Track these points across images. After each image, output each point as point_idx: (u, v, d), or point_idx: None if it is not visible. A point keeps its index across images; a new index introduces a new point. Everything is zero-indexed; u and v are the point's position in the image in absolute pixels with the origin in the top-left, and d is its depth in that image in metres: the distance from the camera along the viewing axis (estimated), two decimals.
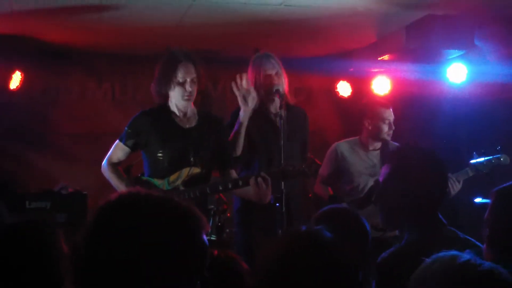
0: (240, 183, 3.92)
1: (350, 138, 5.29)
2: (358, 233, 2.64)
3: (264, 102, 4.53)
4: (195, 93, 4.02)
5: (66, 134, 6.93)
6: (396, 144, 5.08)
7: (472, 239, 2.52)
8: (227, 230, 5.50)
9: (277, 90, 4.36)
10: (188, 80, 3.96)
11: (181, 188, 3.92)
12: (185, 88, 3.95)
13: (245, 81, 4.25)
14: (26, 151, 6.71)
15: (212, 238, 5.77)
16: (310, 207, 5.10)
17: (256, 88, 4.45)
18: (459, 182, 4.78)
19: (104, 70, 7.14)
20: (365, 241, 2.66)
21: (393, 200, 2.62)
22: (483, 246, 2.33)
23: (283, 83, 4.48)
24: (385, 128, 5.05)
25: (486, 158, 4.88)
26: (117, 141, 4.08)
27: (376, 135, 5.08)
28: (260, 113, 4.52)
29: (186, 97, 3.97)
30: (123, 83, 7.18)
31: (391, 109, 5.08)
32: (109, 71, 7.14)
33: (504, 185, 2.37)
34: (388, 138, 5.08)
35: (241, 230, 4.57)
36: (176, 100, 4.02)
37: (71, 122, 6.96)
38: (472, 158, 4.93)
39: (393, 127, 5.07)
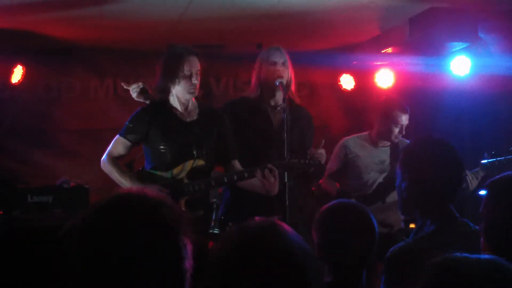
0: (246, 175, 3.90)
1: (360, 134, 5.26)
2: (365, 229, 2.62)
3: (265, 94, 4.47)
4: (198, 87, 4.00)
5: (68, 130, 6.93)
6: (407, 141, 5.04)
7: None
8: (230, 224, 5.47)
9: (281, 83, 4.30)
10: (194, 72, 3.94)
11: (186, 180, 3.90)
12: (191, 81, 3.93)
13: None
14: (28, 147, 6.72)
15: (215, 231, 5.74)
16: (312, 202, 5.06)
17: (260, 79, 4.41)
18: (477, 178, 4.76)
19: (106, 66, 7.13)
20: (372, 237, 2.63)
21: (406, 191, 2.63)
22: (481, 239, 2.30)
23: (289, 77, 4.41)
24: (396, 131, 4.99)
25: (498, 158, 4.84)
26: (117, 136, 4.05)
27: (386, 135, 5.05)
28: (258, 106, 4.47)
29: (192, 90, 3.95)
30: (125, 79, 7.10)
31: (407, 114, 4.99)
32: (111, 67, 7.13)
33: (497, 176, 2.33)
34: (396, 141, 5.03)
35: (237, 223, 4.50)
36: (181, 94, 3.99)
37: (73, 118, 6.96)
38: (483, 158, 4.90)
39: (404, 132, 5.00)
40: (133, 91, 4.10)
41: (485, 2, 5.40)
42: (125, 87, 4.12)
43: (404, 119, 4.98)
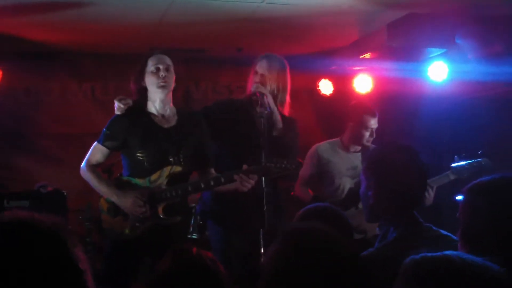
0: (223, 180, 3.86)
1: (331, 140, 5.26)
2: (343, 232, 2.62)
3: (253, 101, 4.43)
4: (171, 83, 3.96)
5: (47, 135, 6.88)
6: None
7: (451, 235, 2.52)
8: (208, 227, 5.46)
9: (257, 88, 4.23)
10: (161, 67, 3.92)
11: (163, 187, 3.89)
12: (158, 75, 3.90)
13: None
14: (7, 151, 6.66)
15: (193, 237, 5.74)
16: (291, 205, 5.05)
17: (248, 87, 4.40)
18: (432, 188, 4.61)
19: (85, 69, 7.09)
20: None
21: (371, 197, 2.63)
22: (458, 244, 2.32)
23: (276, 86, 4.34)
24: (367, 135, 5.03)
25: (467, 161, 4.86)
26: (96, 143, 4.01)
27: (357, 140, 5.07)
28: (245, 111, 4.44)
29: (161, 84, 3.91)
30: (104, 83, 7.13)
31: (376, 117, 5.05)
32: (90, 71, 7.10)
33: (474, 182, 2.33)
34: (368, 145, 5.05)
35: (215, 228, 4.49)
36: (152, 92, 3.97)
37: (52, 123, 6.92)
38: (453, 162, 4.92)
39: (374, 135, 5.04)
40: (119, 106, 4.02)
41: (463, 8, 5.45)
42: (116, 100, 4.04)
43: (373, 122, 5.03)
